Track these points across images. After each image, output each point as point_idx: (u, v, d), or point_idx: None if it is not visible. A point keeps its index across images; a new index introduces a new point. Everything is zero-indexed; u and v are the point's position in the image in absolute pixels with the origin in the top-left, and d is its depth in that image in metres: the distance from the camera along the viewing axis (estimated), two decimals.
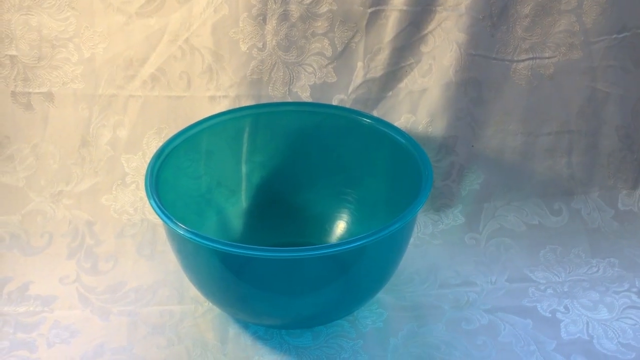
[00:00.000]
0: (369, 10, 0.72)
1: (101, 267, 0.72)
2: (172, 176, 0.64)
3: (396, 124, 0.73)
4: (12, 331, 0.64)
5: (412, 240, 0.75)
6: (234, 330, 0.64)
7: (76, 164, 0.75)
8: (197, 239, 0.52)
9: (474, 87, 0.74)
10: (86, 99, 0.74)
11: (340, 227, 0.72)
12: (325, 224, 0.72)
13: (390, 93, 0.75)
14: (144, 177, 0.61)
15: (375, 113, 0.75)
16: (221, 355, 0.62)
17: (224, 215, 0.72)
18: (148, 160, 0.63)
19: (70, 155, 0.75)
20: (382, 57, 0.74)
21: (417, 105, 0.75)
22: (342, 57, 0.74)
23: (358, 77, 0.74)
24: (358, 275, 0.60)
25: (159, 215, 0.55)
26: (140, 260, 0.72)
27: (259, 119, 0.71)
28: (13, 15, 0.71)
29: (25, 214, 0.75)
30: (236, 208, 0.73)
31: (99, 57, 0.73)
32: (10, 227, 0.74)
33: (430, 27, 0.73)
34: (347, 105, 0.74)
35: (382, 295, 0.68)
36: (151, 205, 0.56)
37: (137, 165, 0.75)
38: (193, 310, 0.66)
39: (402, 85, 0.75)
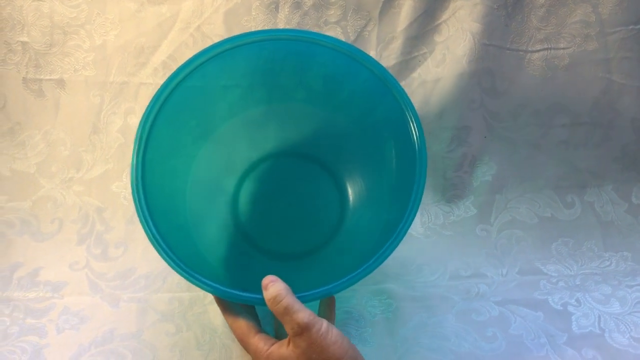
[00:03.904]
0: None
1: (111, 253, 0.72)
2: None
3: None
4: (22, 317, 0.65)
5: (422, 230, 0.75)
6: None
7: (87, 151, 0.75)
8: (195, 281, 0.52)
9: (487, 77, 0.73)
10: (97, 86, 0.74)
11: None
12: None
13: (403, 83, 0.74)
14: None
15: None
16: (230, 342, 0.61)
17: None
18: None
19: (81, 142, 0.75)
20: (395, 46, 0.73)
21: (430, 96, 0.74)
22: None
23: None
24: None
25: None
26: (150, 247, 0.70)
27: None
28: (25, 1, 0.71)
29: (35, 200, 0.75)
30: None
31: (110, 44, 0.73)
32: (21, 213, 0.74)
33: (444, 17, 0.72)
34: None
35: (392, 286, 0.68)
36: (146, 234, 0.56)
37: None
38: (202, 297, 0.66)
39: (415, 75, 0.74)
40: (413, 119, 0.58)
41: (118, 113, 0.75)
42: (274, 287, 0.50)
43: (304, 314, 0.48)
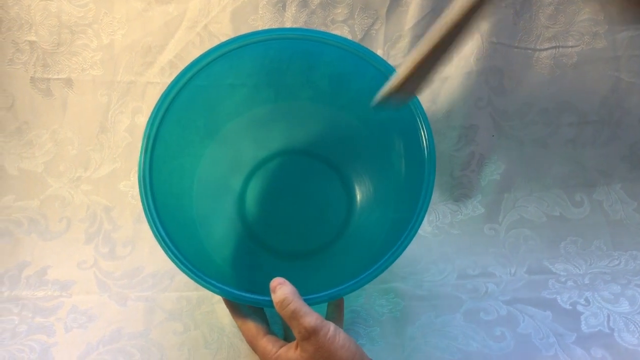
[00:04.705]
0: None
1: (119, 252, 0.72)
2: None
3: None
4: (31, 315, 0.65)
5: (430, 229, 0.75)
6: None
7: (94, 150, 0.76)
8: (204, 282, 0.52)
9: (495, 76, 0.73)
10: (105, 85, 0.74)
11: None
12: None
13: None
14: None
15: None
16: (238, 340, 0.62)
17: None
18: None
19: (89, 142, 0.75)
20: (403, 45, 0.73)
21: (438, 94, 0.74)
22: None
23: None
24: None
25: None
26: (157, 245, 0.71)
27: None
28: (33, 1, 0.71)
29: (43, 199, 0.75)
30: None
31: (117, 43, 0.73)
32: (29, 212, 0.74)
33: None
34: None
35: (399, 285, 0.68)
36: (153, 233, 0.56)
37: None
38: (210, 296, 0.66)
39: None
40: (421, 118, 0.58)
41: (125, 112, 0.75)
42: (281, 291, 0.49)
43: (310, 318, 0.48)
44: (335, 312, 0.56)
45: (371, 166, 0.69)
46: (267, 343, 0.51)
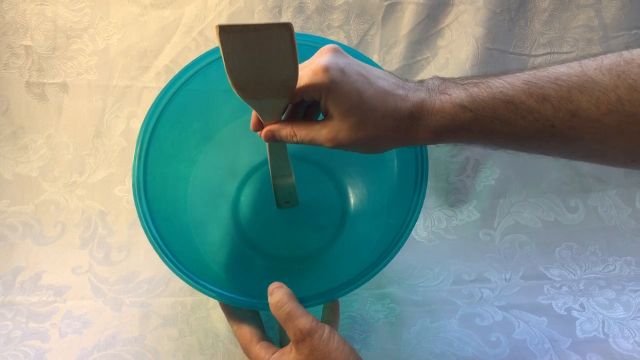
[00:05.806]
0: (386, 3, 0.71)
1: (114, 257, 0.72)
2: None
3: None
4: (25, 321, 0.65)
5: (425, 234, 0.75)
6: None
7: (90, 155, 0.75)
8: (200, 287, 0.52)
9: None
10: (100, 89, 0.74)
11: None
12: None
13: None
14: None
15: None
16: (233, 346, 0.61)
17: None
18: None
19: (84, 146, 0.75)
20: (398, 51, 0.73)
21: None
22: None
23: None
24: None
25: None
26: (152, 251, 0.70)
27: None
28: (28, 5, 0.71)
29: (38, 203, 0.75)
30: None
31: (113, 48, 0.73)
32: (24, 217, 0.74)
33: (447, 21, 0.72)
34: None
35: (395, 290, 0.68)
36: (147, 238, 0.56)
37: None
38: (205, 302, 0.66)
39: (418, 79, 0.74)
40: None
41: (121, 117, 0.75)
42: (277, 293, 0.50)
43: (305, 320, 0.48)
44: (330, 315, 0.56)
45: (365, 171, 0.69)
46: (260, 349, 0.51)
